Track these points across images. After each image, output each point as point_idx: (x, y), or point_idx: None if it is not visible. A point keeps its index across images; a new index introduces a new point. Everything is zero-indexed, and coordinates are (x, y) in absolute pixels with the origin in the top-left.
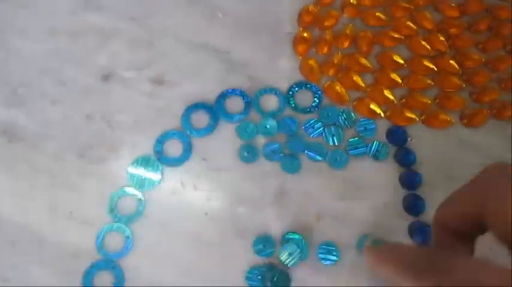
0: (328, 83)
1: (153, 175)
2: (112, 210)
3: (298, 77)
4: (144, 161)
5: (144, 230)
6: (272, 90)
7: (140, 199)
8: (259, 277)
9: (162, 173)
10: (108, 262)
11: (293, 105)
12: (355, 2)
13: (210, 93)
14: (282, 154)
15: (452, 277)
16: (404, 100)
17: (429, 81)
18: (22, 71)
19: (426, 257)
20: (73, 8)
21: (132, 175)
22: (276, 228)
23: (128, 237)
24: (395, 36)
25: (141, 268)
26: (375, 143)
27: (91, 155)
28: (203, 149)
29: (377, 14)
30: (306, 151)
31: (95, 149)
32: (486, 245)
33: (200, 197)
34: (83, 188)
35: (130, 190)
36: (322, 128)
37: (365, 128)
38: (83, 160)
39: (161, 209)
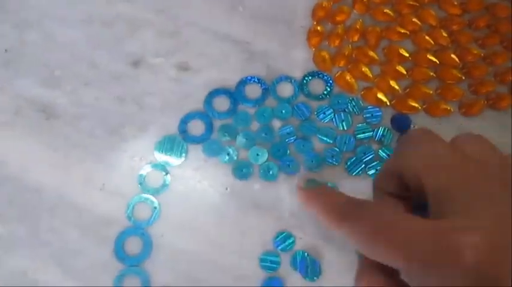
0: (339, 73)
1: (178, 152)
2: (141, 183)
3: (312, 67)
4: (170, 139)
5: (170, 202)
6: (287, 78)
7: (166, 173)
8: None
9: (186, 151)
10: (138, 229)
11: (306, 92)
12: None
13: (231, 80)
14: (295, 137)
15: (360, 222)
16: (408, 90)
17: (431, 74)
18: (59, 55)
19: (347, 203)
20: None
21: (159, 152)
22: (287, 202)
23: (155, 207)
24: (402, 31)
25: (166, 235)
26: (380, 129)
27: (122, 132)
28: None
29: (385, 10)
30: (317, 134)
31: (126, 127)
32: None
33: (221, 173)
34: (115, 163)
35: (158, 166)
36: (332, 114)
37: (372, 115)
38: (115, 137)
39: (185, 183)
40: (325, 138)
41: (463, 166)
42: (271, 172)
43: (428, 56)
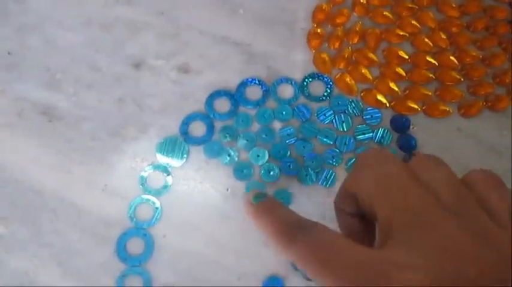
0: (338, 75)
1: (179, 153)
2: (143, 184)
3: (312, 68)
4: (171, 141)
5: (172, 203)
6: (288, 80)
7: (168, 175)
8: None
9: (187, 152)
10: (139, 230)
11: (307, 94)
12: (364, 2)
13: (231, 82)
14: (295, 138)
15: (305, 247)
16: (407, 92)
17: (431, 75)
18: (60, 58)
19: (295, 225)
20: (105, 2)
21: (160, 153)
22: None
23: (157, 208)
24: (401, 33)
25: (168, 236)
26: (380, 130)
27: (123, 134)
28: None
29: (384, 13)
30: (317, 136)
31: (127, 129)
32: None
33: (222, 173)
34: (116, 164)
35: (159, 167)
36: (332, 116)
37: (371, 116)
38: (116, 139)
39: (187, 184)
40: (325, 140)
41: (412, 194)
42: (271, 173)
43: (427, 58)
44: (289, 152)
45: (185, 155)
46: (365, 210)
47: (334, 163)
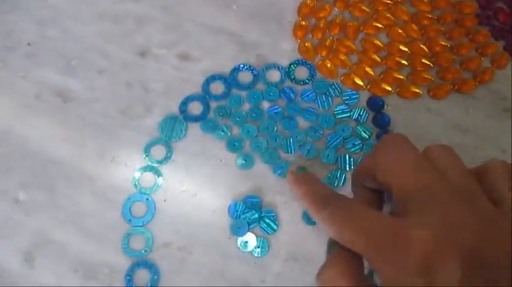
0: (321, 61)
1: (179, 129)
2: (147, 155)
3: (297, 56)
4: (172, 119)
5: (172, 171)
6: (275, 66)
7: (169, 147)
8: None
9: (186, 128)
10: (143, 195)
11: (292, 78)
12: None
13: (225, 68)
14: (282, 116)
15: (335, 211)
16: (382, 76)
17: (403, 62)
18: (75, 47)
19: (328, 194)
20: None
21: (162, 129)
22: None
23: (158, 176)
24: (377, 25)
25: (168, 200)
26: (357, 109)
27: (130, 113)
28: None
29: (362, 7)
30: (301, 114)
31: (134, 108)
32: None
33: (217, 146)
34: (124, 138)
35: (161, 141)
36: (315, 97)
37: (350, 97)
38: (124, 117)
39: (185, 155)
40: (308, 117)
41: (425, 174)
42: (260, 146)
43: (400, 46)
44: (275, 128)
45: (184, 131)
46: (381, 185)
47: (316, 138)
